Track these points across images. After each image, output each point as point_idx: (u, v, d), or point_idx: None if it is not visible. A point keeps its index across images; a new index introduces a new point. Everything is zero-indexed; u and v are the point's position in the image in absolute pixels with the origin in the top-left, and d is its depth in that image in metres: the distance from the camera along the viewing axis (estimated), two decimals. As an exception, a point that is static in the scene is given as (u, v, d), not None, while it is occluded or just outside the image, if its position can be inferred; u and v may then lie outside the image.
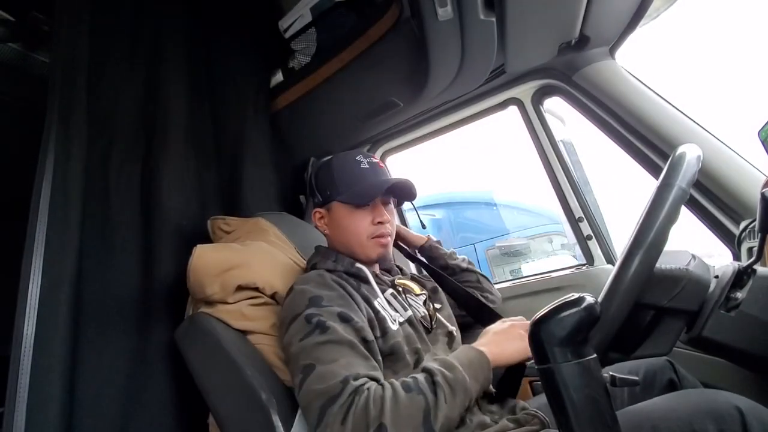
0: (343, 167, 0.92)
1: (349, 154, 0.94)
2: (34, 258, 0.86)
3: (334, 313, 0.75)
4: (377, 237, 0.90)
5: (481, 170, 7.69)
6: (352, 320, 0.75)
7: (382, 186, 0.89)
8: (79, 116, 1.01)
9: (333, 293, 0.80)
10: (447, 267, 1.16)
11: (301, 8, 1.38)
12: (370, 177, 0.90)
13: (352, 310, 0.77)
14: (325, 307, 0.76)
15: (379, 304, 0.85)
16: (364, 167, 0.91)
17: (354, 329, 0.74)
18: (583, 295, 0.44)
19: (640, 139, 1.17)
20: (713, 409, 0.55)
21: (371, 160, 0.93)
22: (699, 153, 0.58)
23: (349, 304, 0.79)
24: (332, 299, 0.79)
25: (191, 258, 0.94)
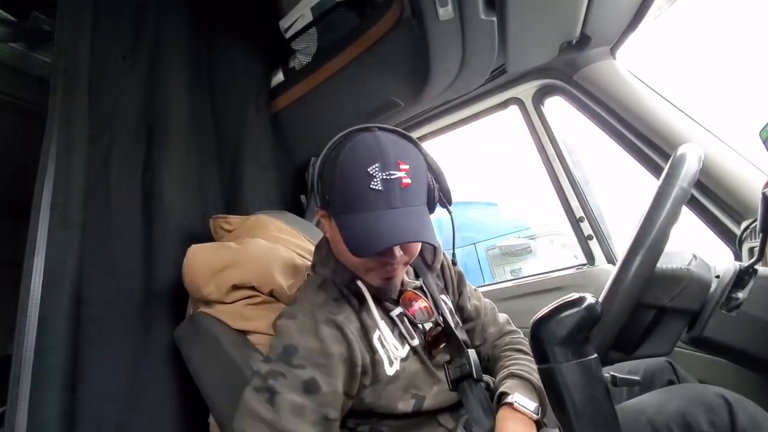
0: (347, 177, 0.69)
1: (362, 158, 0.68)
2: (35, 258, 0.86)
3: (298, 382, 0.65)
4: (380, 269, 0.74)
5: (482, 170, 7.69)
6: (318, 392, 0.65)
7: (386, 239, 0.67)
8: (80, 116, 1.01)
9: (314, 345, 0.69)
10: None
11: (301, 8, 1.38)
12: (377, 211, 0.68)
13: (331, 371, 0.67)
14: (294, 369, 0.66)
15: (379, 339, 0.75)
16: (375, 188, 0.67)
17: (315, 406, 0.64)
18: (583, 295, 0.44)
19: (641, 139, 1.17)
20: (703, 400, 0.57)
21: (390, 175, 0.67)
22: (700, 153, 0.58)
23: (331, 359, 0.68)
24: (309, 356, 0.68)
25: (185, 258, 0.94)
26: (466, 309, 0.92)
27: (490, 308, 0.95)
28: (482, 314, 0.93)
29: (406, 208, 0.69)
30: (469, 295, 0.93)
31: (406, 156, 0.70)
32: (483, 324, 0.92)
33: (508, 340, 0.89)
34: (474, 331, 0.91)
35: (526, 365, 0.78)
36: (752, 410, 0.56)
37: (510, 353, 0.84)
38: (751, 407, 0.56)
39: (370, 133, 0.73)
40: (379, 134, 0.72)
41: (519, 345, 0.86)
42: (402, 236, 0.67)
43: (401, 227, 0.67)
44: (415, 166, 0.71)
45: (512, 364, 0.79)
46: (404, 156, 0.70)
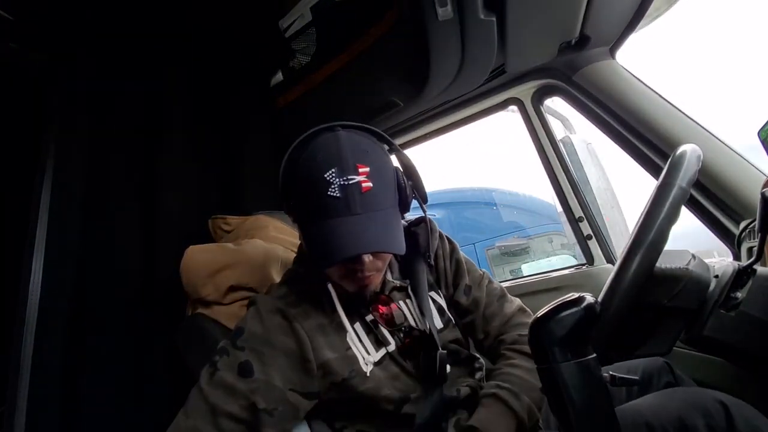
0: (307, 185, 0.67)
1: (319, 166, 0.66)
2: (34, 258, 0.86)
3: (235, 363, 0.66)
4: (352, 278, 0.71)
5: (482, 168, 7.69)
6: (250, 377, 0.65)
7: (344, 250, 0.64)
8: (80, 116, 1.01)
9: (257, 330, 0.69)
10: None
11: (301, 8, 1.38)
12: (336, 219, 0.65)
13: (266, 359, 0.67)
14: (236, 349, 0.68)
15: (351, 339, 0.73)
16: (333, 194, 0.64)
17: (245, 390, 0.65)
18: (582, 295, 0.45)
19: (641, 139, 1.17)
20: (701, 405, 0.56)
21: (348, 181, 0.64)
22: (699, 153, 0.58)
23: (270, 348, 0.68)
24: (251, 339, 0.69)
25: (183, 260, 0.94)
26: (461, 304, 0.84)
27: (496, 297, 0.85)
28: (482, 306, 0.84)
29: (369, 214, 0.66)
30: (466, 287, 0.85)
31: (367, 157, 0.67)
32: (485, 316, 0.83)
33: (512, 338, 0.80)
34: (474, 325, 0.84)
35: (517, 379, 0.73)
36: (750, 415, 0.56)
37: (508, 356, 0.78)
38: (749, 412, 0.56)
39: (331, 133, 0.70)
40: (341, 134, 0.69)
41: (521, 345, 0.79)
42: (361, 246, 0.65)
43: (361, 236, 0.65)
44: (378, 167, 0.68)
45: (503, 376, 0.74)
46: (364, 157, 0.67)
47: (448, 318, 0.82)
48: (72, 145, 0.98)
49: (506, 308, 0.84)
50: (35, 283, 0.85)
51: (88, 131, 1.02)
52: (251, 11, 1.37)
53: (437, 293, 0.85)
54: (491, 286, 0.87)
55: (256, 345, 0.69)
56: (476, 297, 0.85)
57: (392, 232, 0.68)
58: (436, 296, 0.84)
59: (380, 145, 0.73)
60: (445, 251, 0.87)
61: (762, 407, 0.67)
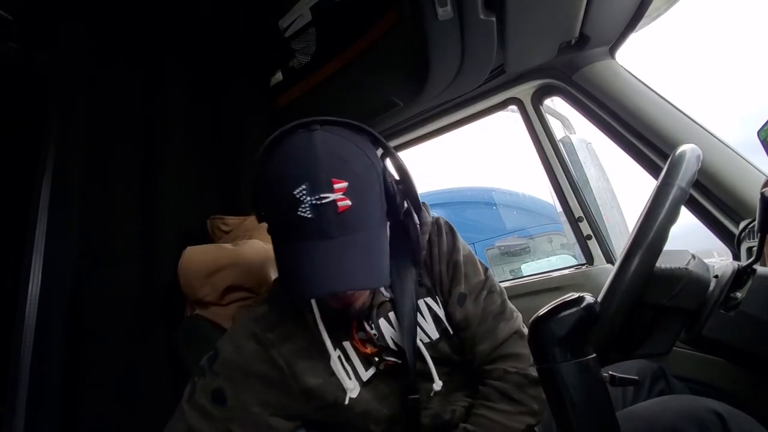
0: (275, 200, 0.59)
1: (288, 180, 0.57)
2: (34, 258, 0.86)
3: (209, 389, 0.66)
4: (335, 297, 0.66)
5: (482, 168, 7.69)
6: (224, 404, 0.64)
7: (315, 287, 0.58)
8: (79, 116, 1.01)
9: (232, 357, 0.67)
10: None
11: (301, 7, 1.38)
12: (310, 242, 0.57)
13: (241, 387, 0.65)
14: (211, 374, 0.66)
15: (335, 364, 0.68)
16: (303, 215, 0.56)
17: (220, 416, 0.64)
18: (582, 295, 0.45)
19: (640, 139, 1.17)
20: (696, 416, 0.54)
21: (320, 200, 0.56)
22: (699, 153, 0.58)
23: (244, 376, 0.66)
24: (225, 364, 0.67)
25: (180, 260, 0.94)
26: (453, 317, 0.73)
27: (492, 314, 0.73)
28: (473, 325, 0.72)
29: (347, 238, 0.57)
30: (460, 296, 0.73)
31: (345, 169, 0.58)
32: (475, 335, 0.72)
33: (498, 373, 0.69)
34: (464, 343, 0.74)
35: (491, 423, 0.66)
36: (747, 426, 0.54)
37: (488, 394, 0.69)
38: (746, 422, 0.54)
39: (307, 133, 0.60)
40: (317, 137, 0.59)
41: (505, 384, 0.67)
42: (336, 281, 0.57)
43: (337, 268, 0.56)
44: (359, 180, 0.58)
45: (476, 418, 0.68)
46: (342, 169, 0.57)
47: (445, 327, 0.73)
48: (72, 146, 0.98)
49: (500, 331, 0.72)
50: (35, 283, 0.85)
51: (88, 132, 1.02)
52: (251, 11, 1.37)
53: (434, 299, 0.75)
54: (491, 298, 0.75)
55: (231, 372, 0.66)
56: (468, 314, 0.73)
57: (374, 260, 0.59)
58: (432, 303, 0.74)
59: (365, 145, 0.64)
60: (441, 252, 0.75)
61: (762, 407, 0.68)
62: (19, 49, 1.30)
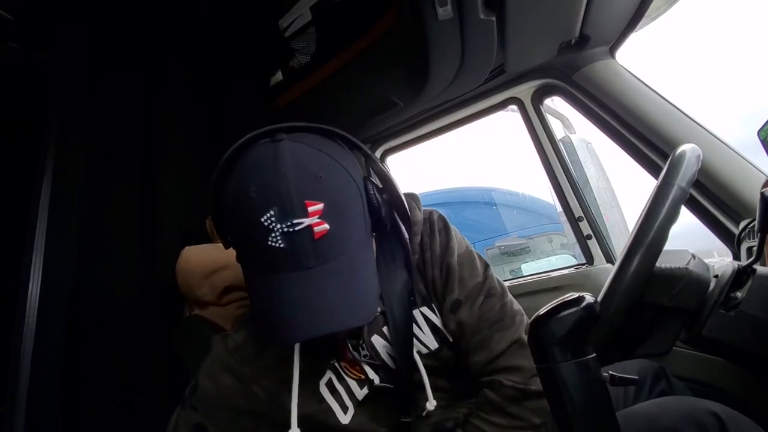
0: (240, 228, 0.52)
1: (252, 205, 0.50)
2: (34, 258, 0.86)
3: (191, 423, 0.64)
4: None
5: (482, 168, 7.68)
6: None
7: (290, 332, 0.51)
8: (79, 116, 1.01)
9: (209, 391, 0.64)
10: None
11: (300, 7, 1.38)
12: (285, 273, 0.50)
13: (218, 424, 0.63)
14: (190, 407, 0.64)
15: (328, 384, 0.65)
16: (275, 245, 0.49)
17: None
18: (582, 295, 0.44)
19: (640, 139, 1.17)
20: (695, 418, 0.54)
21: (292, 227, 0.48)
22: (699, 152, 0.58)
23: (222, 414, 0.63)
24: (204, 399, 0.64)
25: (179, 260, 0.94)
26: (447, 326, 0.68)
27: (489, 323, 0.66)
28: (467, 334, 0.67)
29: (326, 266, 0.50)
30: (453, 303, 0.67)
31: (320, 188, 0.50)
32: (468, 347, 0.67)
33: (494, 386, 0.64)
34: (460, 352, 0.69)
35: None
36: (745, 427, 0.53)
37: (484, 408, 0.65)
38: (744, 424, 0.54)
39: (272, 145, 0.53)
40: (284, 150, 0.51)
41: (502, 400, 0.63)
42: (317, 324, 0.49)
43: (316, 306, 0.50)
44: (337, 200, 0.51)
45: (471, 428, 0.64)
46: (315, 188, 0.50)
47: (444, 336, 0.69)
48: (72, 146, 0.98)
49: (496, 342, 0.65)
50: (35, 283, 0.85)
51: (88, 132, 1.02)
52: (251, 11, 1.37)
53: (430, 308, 0.69)
54: (488, 304, 0.68)
55: (210, 409, 0.64)
56: (463, 322, 0.67)
57: (359, 289, 0.53)
58: (428, 312, 0.69)
59: (341, 154, 0.57)
60: (434, 255, 0.68)
61: (762, 407, 0.68)
62: (19, 49, 1.30)
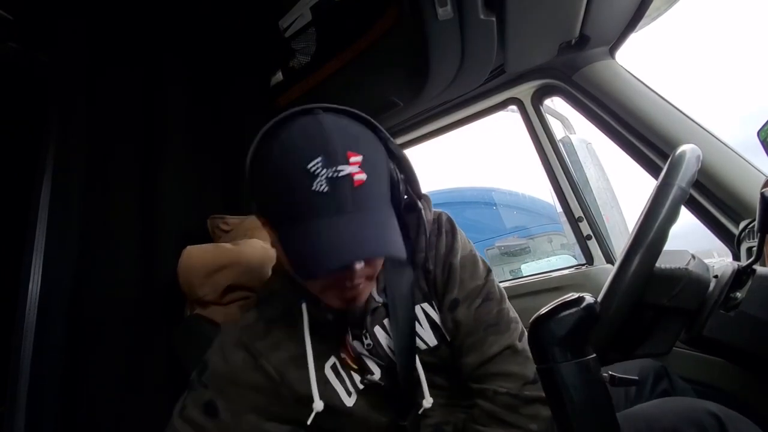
0: (284, 180, 0.54)
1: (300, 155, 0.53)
2: (34, 258, 0.86)
3: (200, 401, 0.64)
4: (339, 289, 0.60)
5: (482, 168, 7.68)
6: (216, 416, 0.63)
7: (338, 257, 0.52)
8: (79, 116, 1.01)
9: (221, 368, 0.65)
10: None
11: (301, 7, 1.38)
12: (325, 219, 0.53)
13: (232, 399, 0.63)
14: (200, 387, 0.65)
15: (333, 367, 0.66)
16: (319, 190, 0.52)
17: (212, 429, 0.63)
18: (582, 295, 0.45)
19: (640, 139, 1.17)
20: (695, 419, 0.53)
21: (337, 172, 0.52)
22: (699, 153, 0.59)
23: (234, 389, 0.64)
24: (215, 377, 0.65)
25: (180, 259, 0.94)
26: (446, 324, 0.69)
27: (484, 325, 0.67)
28: (462, 333, 0.67)
29: (363, 213, 0.54)
30: (452, 302, 0.68)
31: (359, 144, 0.55)
32: (461, 346, 0.67)
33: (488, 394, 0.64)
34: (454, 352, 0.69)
35: None
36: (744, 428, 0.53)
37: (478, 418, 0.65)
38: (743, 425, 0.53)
39: (311, 116, 0.57)
40: (323, 117, 0.57)
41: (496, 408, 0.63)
42: (356, 250, 0.53)
43: (356, 238, 0.53)
44: (372, 157, 0.56)
45: None
46: (356, 144, 0.54)
47: (442, 334, 0.69)
48: (72, 146, 0.98)
49: (489, 345, 0.66)
50: (35, 283, 0.85)
51: (88, 132, 1.02)
52: (251, 11, 1.37)
53: (430, 305, 0.70)
54: (485, 307, 0.69)
55: (221, 384, 0.64)
56: (459, 320, 0.67)
57: (391, 231, 0.56)
58: (428, 309, 0.70)
59: (372, 130, 0.62)
60: (438, 254, 0.70)
61: (762, 407, 0.68)
62: (19, 49, 1.31)
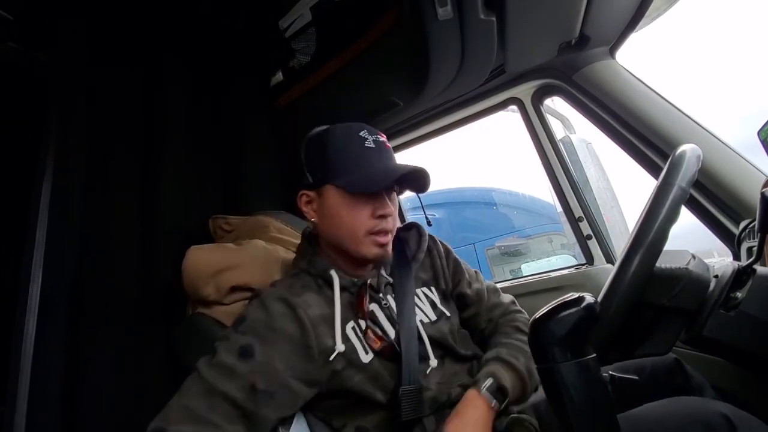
0: (342, 143, 0.77)
1: (351, 127, 0.78)
2: (35, 258, 0.86)
3: (236, 346, 0.67)
4: (376, 234, 0.76)
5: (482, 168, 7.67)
6: (251, 358, 0.66)
7: (391, 174, 0.75)
8: (79, 116, 1.01)
9: (261, 317, 0.71)
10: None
11: (301, 8, 1.38)
12: (375, 160, 0.76)
13: (269, 343, 0.68)
14: (237, 334, 0.69)
15: (353, 329, 0.75)
16: (369, 146, 0.77)
17: (244, 371, 0.65)
18: (582, 295, 0.45)
19: (640, 139, 1.17)
20: (703, 419, 0.54)
21: (378, 138, 0.78)
22: (699, 152, 0.59)
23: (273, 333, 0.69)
24: (253, 325, 0.70)
25: (185, 259, 0.94)
26: (467, 295, 0.91)
27: (493, 290, 0.96)
28: (485, 297, 0.93)
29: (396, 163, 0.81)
30: (469, 281, 0.93)
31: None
32: (487, 306, 0.93)
33: (511, 318, 0.91)
34: (479, 315, 0.92)
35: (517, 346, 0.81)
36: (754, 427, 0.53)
37: (508, 330, 0.87)
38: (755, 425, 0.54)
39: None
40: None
41: (518, 323, 0.89)
42: (401, 170, 0.76)
43: (397, 168, 0.77)
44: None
45: (502, 345, 0.82)
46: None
47: (441, 311, 0.86)
48: (72, 146, 0.98)
49: (503, 298, 0.96)
50: (35, 283, 0.85)
51: (88, 132, 1.03)
52: (251, 11, 1.37)
53: (430, 289, 0.89)
54: (486, 282, 0.98)
55: (259, 329, 0.69)
56: (479, 289, 0.93)
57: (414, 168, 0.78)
58: (428, 292, 0.88)
59: None
60: (440, 252, 0.94)
61: (762, 407, 0.67)
62: (19, 49, 1.31)
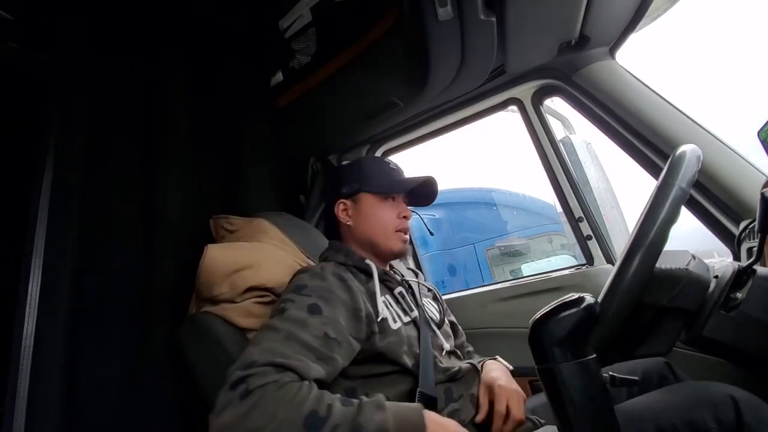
0: (373, 164, 1.01)
1: (377, 158, 1.19)
2: (34, 258, 0.86)
3: (304, 304, 0.74)
4: (401, 231, 0.97)
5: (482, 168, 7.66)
6: (321, 313, 0.74)
7: (411, 182, 0.99)
8: (79, 116, 1.01)
9: (321, 284, 0.80)
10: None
11: (301, 8, 1.38)
12: (397, 175, 1.00)
13: (332, 303, 0.76)
14: (302, 296, 0.76)
15: (384, 302, 0.87)
16: (393, 167, 1.01)
17: (317, 323, 0.72)
18: (582, 295, 0.45)
19: (640, 139, 1.17)
20: (708, 398, 0.56)
21: (397, 164, 1.04)
22: (699, 153, 0.58)
23: (334, 296, 0.78)
24: (315, 289, 0.78)
25: (203, 257, 0.94)
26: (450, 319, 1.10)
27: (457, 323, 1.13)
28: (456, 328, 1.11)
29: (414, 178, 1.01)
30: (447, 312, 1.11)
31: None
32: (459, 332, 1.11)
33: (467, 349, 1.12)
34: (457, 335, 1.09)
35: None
36: (760, 407, 0.55)
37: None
38: (758, 404, 0.55)
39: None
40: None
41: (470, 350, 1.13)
42: (421, 179, 0.98)
43: (418, 179, 0.98)
44: None
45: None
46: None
47: (442, 318, 1.03)
48: (72, 145, 0.98)
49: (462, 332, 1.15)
50: (35, 283, 0.85)
51: (88, 131, 1.03)
52: (251, 11, 1.37)
53: (435, 304, 1.07)
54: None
55: (322, 293, 0.78)
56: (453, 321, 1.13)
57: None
58: (433, 302, 1.07)
59: None
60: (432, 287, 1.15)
61: (763, 406, 0.67)
62: (19, 49, 1.31)
